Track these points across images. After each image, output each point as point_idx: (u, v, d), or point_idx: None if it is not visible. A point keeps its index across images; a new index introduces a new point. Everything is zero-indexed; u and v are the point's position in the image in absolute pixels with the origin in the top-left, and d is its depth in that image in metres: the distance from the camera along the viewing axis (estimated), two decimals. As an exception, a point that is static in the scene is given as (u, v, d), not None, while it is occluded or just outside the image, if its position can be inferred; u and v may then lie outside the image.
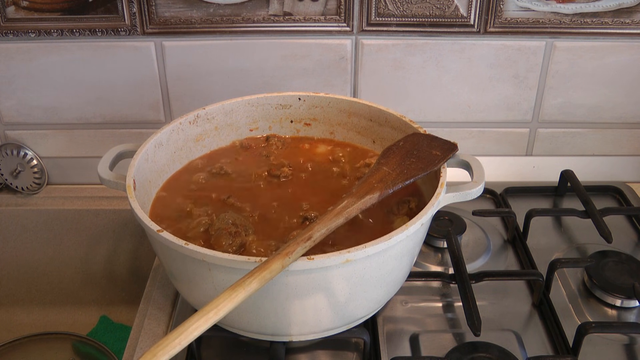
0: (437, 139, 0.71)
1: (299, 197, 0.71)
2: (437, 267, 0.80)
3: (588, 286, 0.76)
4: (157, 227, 0.58)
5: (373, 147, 0.81)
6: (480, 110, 0.95)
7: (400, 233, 0.57)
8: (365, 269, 0.58)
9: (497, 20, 0.87)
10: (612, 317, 0.74)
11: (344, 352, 0.68)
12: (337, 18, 0.87)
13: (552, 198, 0.94)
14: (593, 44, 0.90)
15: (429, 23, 0.87)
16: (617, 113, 0.96)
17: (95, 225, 0.90)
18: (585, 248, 0.83)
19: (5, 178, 0.96)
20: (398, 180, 0.64)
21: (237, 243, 0.63)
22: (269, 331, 0.63)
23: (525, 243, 0.83)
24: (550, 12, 0.87)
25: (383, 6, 0.86)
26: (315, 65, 0.90)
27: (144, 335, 0.70)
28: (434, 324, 0.72)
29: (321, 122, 0.83)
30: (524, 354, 0.67)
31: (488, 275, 0.74)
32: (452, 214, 0.86)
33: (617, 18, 0.88)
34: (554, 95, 0.94)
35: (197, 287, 0.61)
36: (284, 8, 0.86)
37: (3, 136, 0.96)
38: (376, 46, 0.89)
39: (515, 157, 0.99)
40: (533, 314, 0.73)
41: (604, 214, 0.83)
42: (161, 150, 0.74)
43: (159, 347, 0.43)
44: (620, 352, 0.68)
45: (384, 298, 0.67)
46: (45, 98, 0.93)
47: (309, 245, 0.54)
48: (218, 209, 0.69)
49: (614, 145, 0.99)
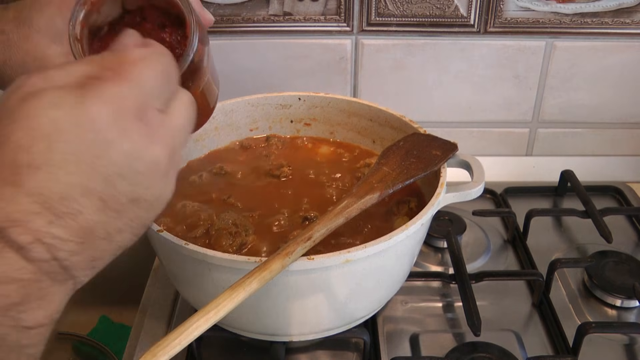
0: (437, 139, 0.71)
1: (299, 197, 0.71)
2: (437, 267, 0.80)
3: (588, 286, 0.76)
4: (157, 227, 0.58)
5: (373, 147, 0.81)
6: (481, 110, 0.95)
7: (400, 233, 0.57)
8: (365, 269, 0.58)
9: (497, 20, 0.87)
10: (612, 317, 0.74)
11: (344, 352, 0.68)
12: (337, 18, 0.87)
13: (552, 198, 0.94)
14: (593, 44, 0.90)
15: (429, 23, 0.87)
16: (617, 113, 0.96)
17: (95, 225, 0.90)
18: (585, 248, 0.83)
19: (5, 178, 0.96)
20: (398, 180, 0.64)
21: (237, 243, 0.63)
22: (269, 331, 0.63)
23: (525, 243, 0.83)
24: (550, 12, 0.87)
25: (383, 6, 0.86)
26: (315, 65, 0.90)
27: (144, 335, 0.70)
28: (434, 324, 0.72)
29: (321, 122, 0.83)
30: (524, 354, 0.67)
31: (488, 275, 0.74)
32: (452, 214, 0.86)
33: (617, 18, 0.88)
34: (554, 95, 0.94)
35: (197, 287, 0.61)
36: (284, 8, 0.86)
37: (3, 136, 0.96)
38: (376, 46, 0.89)
39: (515, 157, 0.99)
40: (533, 314, 0.73)
41: (604, 214, 0.83)
42: (161, 150, 0.74)
43: (159, 347, 0.43)
44: (620, 352, 0.68)
45: (384, 298, 0.67)
46: (45, 98, 0.93)
47: (309, 245, 0.54)
48: (218, 209, 0.69)
49: (614, 145, 0.99)
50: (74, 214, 0.33)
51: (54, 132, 0.33)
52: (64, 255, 0.33)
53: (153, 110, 0.38)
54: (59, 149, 0.33)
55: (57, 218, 0.33)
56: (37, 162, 0.32)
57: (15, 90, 0.35)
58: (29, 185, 0.32)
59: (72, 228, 0.33)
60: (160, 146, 0.37)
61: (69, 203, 0.33)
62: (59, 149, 0.33)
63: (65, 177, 0.33)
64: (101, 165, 0.34)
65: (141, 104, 0.36)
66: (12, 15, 0.51)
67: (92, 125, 0.34)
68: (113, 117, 0.34)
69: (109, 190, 0.34)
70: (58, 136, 0.33)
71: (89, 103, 0.34)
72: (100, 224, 0.35)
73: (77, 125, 0.33)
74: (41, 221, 0.32)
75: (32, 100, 0.33)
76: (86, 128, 0.33)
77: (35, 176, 0.32)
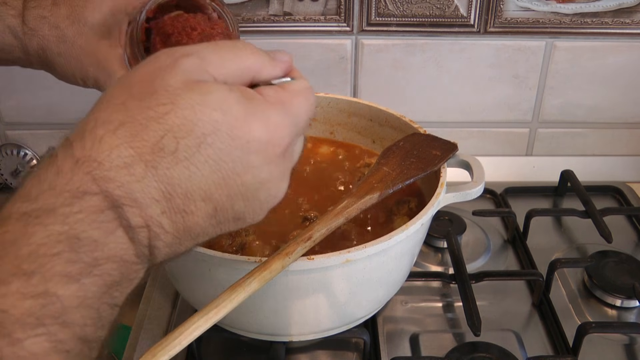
0: (437, 139, 0.71)
1: (299, 197, 0.71)
2: (437, 267, 0.80)
3: (588, 286, 0.76)
4: (157, 227, 0.58)
5: (373, 147, 0.81)
6: (480, 110, 0.95)
7: (400, 233, 0.57)
8: (365, 269, 0.58)
9: (497, 20, 0.87)
10: (612, 317, 0.74)
11: (344, 352, 0.68)
12: (337, 18, 0.87)
13: (552, 198, 0.94)
14: (593, 44, 0.90)
15: (429, 23, 0.87)
16: (617, 113, 0.96)
17: (95, 225, 0.90)
18: (585, 248, 0.83)
19: (5, 178, 0.96)
20: (398, 180, 0.64)
21: (237, 243, 0.63)
22: (269, 331, 0.63)
23: (525, 243, 0.83)
24: (550, 12, 0.87)
25: (383, 6, 0.86)
26: (315, 65, 0.90)
27: (144, 335, 0.70)
28: (434, 324, 0.72)
29: (321, 122, 0.83)
30: (524, 354, 0.67)
31: (488, 275, 0.74)
32: (452, 214, 0.86)
33: (617, 18, 0.88)
34: (554, 95, 0.94)
35: (197, 287, 0.61)
36: (284, 8, 0.86)
37: (3, 136, 0.96)
38: (376, 46, 0.89)
39: (515, 157, 0.99)
40: (533, 314, 0.73)
41: (604, 214, 0.83)
42: (161, 150, 0.74)
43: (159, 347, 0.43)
44: (620, 352, 0.68)
45: (384, 298, 0.67)
46: (45, 98, 0.93)
47: (309, 245, 0.54)
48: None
49: (614, 145, 0.99)
50: (188, 213, 0.34)
51: (210, 134, 0.33)
52: (159, 245, 0.34)
53: (292, 147, 0.39)
54: (206, 152, 0.33)
55: (171, 211, 0.33)
56: (181, 155, 0.33)
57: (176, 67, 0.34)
58: (162, 172, 0.32)
59: (178, 224, 0.34)
60: (286, 183, 0.38)
61: (189, 203, 0.34)
62: (206, 152, 0.33)
63: (197, 179, 0.33)
64: (234, 182, 0.35)
65: (291, 140, 0.37)
66: (65, 13, 0.56)
67: (246, 144, 0.34)
68: (266, 144, 0.35)
69: (226, 204, 0.35)
70: (211, 140, 0.33)
71: (252, 121, 0.34)
72: (200, 228, 0.35)
73: (233, 138, 0.34)
74: (157, 209, 0.33)
75: (198, 92, 0.33)
76: (239, 144, 0.34)
77: (173, 167, 0.33)
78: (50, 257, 0.30)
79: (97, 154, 0.32)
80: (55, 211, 0.30)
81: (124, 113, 0.33)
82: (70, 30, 0.56)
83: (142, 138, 0.32)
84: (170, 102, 0.33)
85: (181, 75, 0.34)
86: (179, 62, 0.34)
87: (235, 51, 0.36)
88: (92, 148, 0.32)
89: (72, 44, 0.56)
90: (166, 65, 0.34)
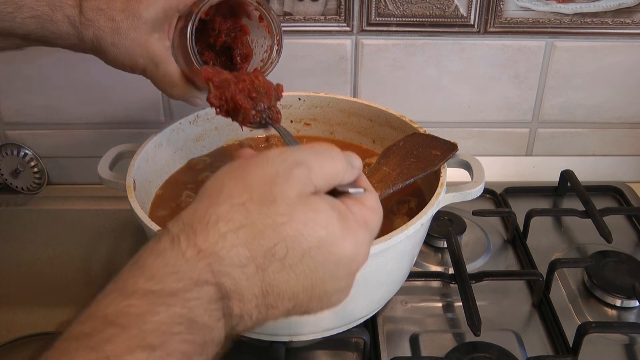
0: (437, 139, 0.71)
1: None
2: (437, 267, 0.80)
3: (588, 286, 0.76)
4: (157, 227, 0.58)
5: (373, 147, 0.81)
6: (481, 110, 0.95)
7: (400, 233, 0.57)
8: (365, 269, 0.57)
9: (497, 20, 0.87)
10: (612, 317, 0.74)
11: (344, 352, 0.68)
12: (337, 18, 0.87)
13: (552, 198, 0.94)
14: (593, 44, 0.90)
15: (429, 23, 0.87)
16: (617, 113, 0.96)
17: (95, 225, 0.90)
18: (585, 248, 0.83)
19: (5, 178, 0.96)
20: (398, 180, 0.64)
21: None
22: (269, 331, 0.63)
23: (525, 243, 0.83)
24: (550, 12, 0.87)
25: (383, 6, 0.86)
26: (315, 65, 0.90)
27: None
28: (434, 324, 0.72)
29: (321, 122, 0.83)
30: (524, 354, 0.67)
31: (488, 275, 0.74)
32: (452, 214, 0.86)
33: (617, 18, 0.88)
34: (554, 95, 0.94)
35: None
36: (284, 8, 0.86)
37: (3, 136, 0.96)
38: (376, 46, 0.89)
39: (515, 157, 0.99)
40: (533, 314, 0.73)
41: (604, 214, 0.83)
42: (161, 150, 0.74)
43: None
44: (620, 352, 0.68)
45: (384, 298, 0.67)
46: (45, 98, 0.93)
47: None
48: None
49: (614, 145, 0.99)
50: (273, 308, 0.38)
51: (313, 247, 0.38)
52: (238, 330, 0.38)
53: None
54: (306, 262, 0.38)
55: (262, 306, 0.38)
56: (287, 262, 0.37)
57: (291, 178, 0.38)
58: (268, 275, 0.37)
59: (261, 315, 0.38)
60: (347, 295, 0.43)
61: (277, 300, 0.38)
62: (306, 262, 0.38)
63: (292, 283, 0.38)
64: (319, 288, 0.39)
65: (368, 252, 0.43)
66: (120, 6, 0.60)
67: (339, 259, 0.39)
68: (352, 260, 0.40)
69: (304, 303, 0.39)
70: (314, 253, 0.38)
71: (347, 240, 0.39)
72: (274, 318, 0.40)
73: (331, 253, 0.39)
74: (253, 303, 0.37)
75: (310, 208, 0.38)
76: (334, 259, 0.39)
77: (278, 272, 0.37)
78: (171, 335, 0.34)
79: (220, 249, 0.36)
80: (177, 295, 0.35)
81: (245, 215, 0.37)
82: (124, 24, 0.60)
83: (259, 242, 0.36)
84: (288, 214, 0.37)
85: (296, 187, 0.38)
86: (294, 174, 0.38)
87: (330, 159, 0.41)
88: (216, 244, 0.36)
89: (126, 36, 0.60)
90: (283, 173, 0.38)
